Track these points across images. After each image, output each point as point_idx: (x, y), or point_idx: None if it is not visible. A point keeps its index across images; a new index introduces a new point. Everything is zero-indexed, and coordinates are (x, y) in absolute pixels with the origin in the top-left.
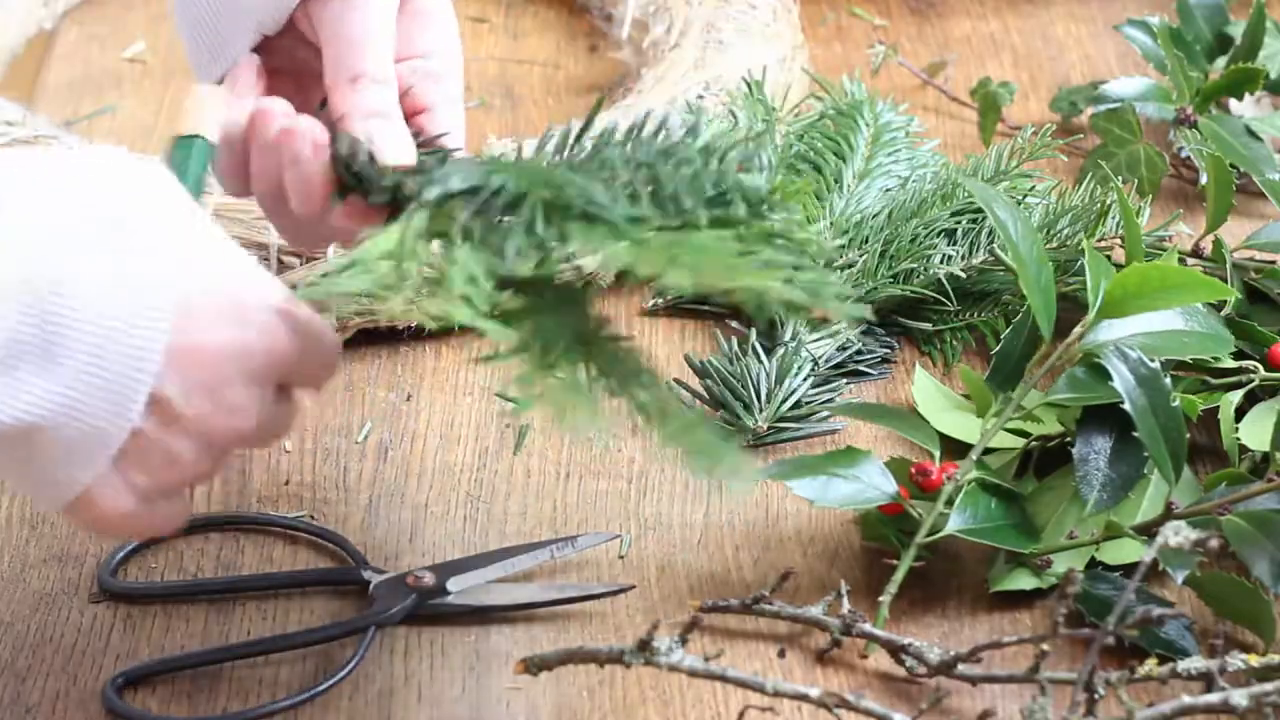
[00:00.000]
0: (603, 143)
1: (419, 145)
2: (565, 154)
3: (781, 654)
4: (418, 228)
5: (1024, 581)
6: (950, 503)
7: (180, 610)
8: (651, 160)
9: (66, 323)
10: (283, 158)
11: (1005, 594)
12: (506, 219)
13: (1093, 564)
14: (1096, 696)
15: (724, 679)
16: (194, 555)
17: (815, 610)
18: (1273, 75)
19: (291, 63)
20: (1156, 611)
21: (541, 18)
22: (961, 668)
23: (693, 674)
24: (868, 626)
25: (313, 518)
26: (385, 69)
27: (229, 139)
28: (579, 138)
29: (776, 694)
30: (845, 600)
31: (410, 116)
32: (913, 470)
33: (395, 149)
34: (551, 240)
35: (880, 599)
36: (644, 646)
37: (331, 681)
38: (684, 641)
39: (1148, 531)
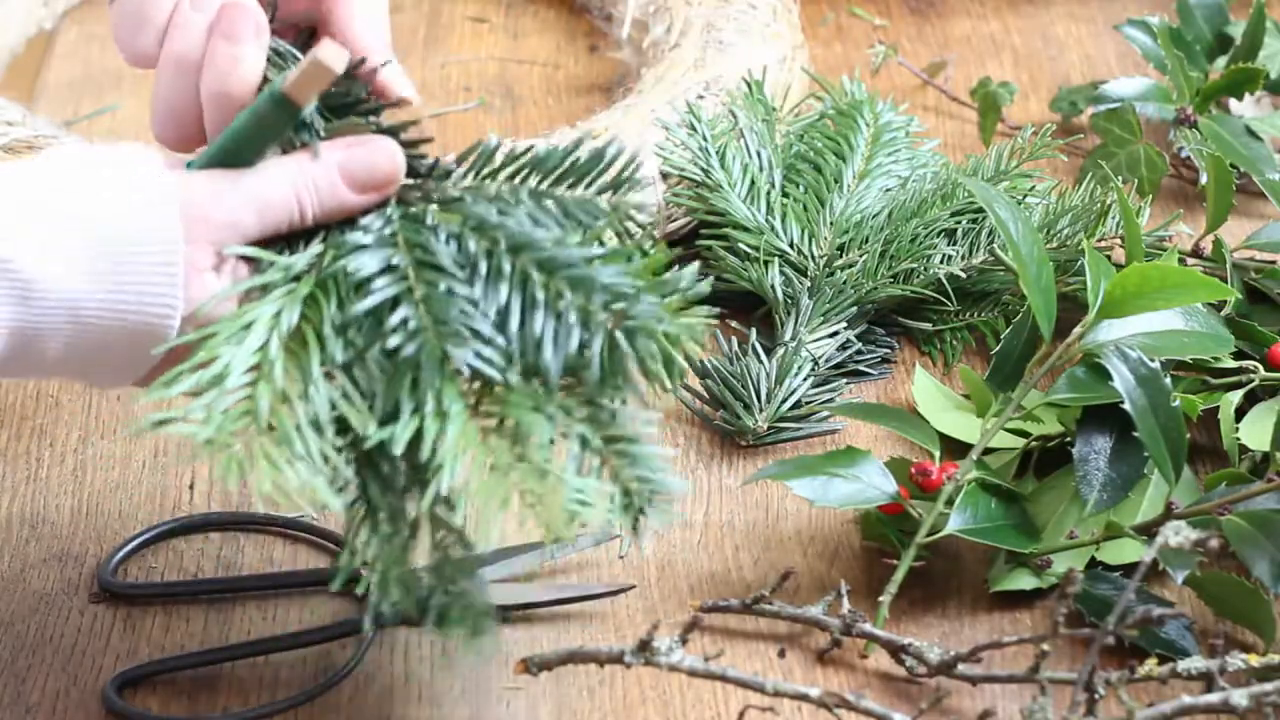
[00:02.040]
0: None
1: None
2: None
3: (781, 654)
4: (290, 307)
5: (1024, 581)
6: (950, 502)
7: (180, 610)
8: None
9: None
10: (217, 25)
11: (1005, 594)
12: (381, 350)
13: (1093, 564)
14: (1097, 696)
15: (724, 679)
16: (194, 555)
17: (815, 610)
18: (1273, 75)
19: None
20: (1157, 611)
21: (541, 18)
22: (961, 668)
23: (692, 674)
24: (868, 626)
25: (313, 518)
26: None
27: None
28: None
29: (776, 694)
30: (845, 600)
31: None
32: (913, 470)
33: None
34: (430, 404)
35: (880, 599)
36: (644, 647)
37: (331, 681)
38: (684, 642)
39: (1148, 531)
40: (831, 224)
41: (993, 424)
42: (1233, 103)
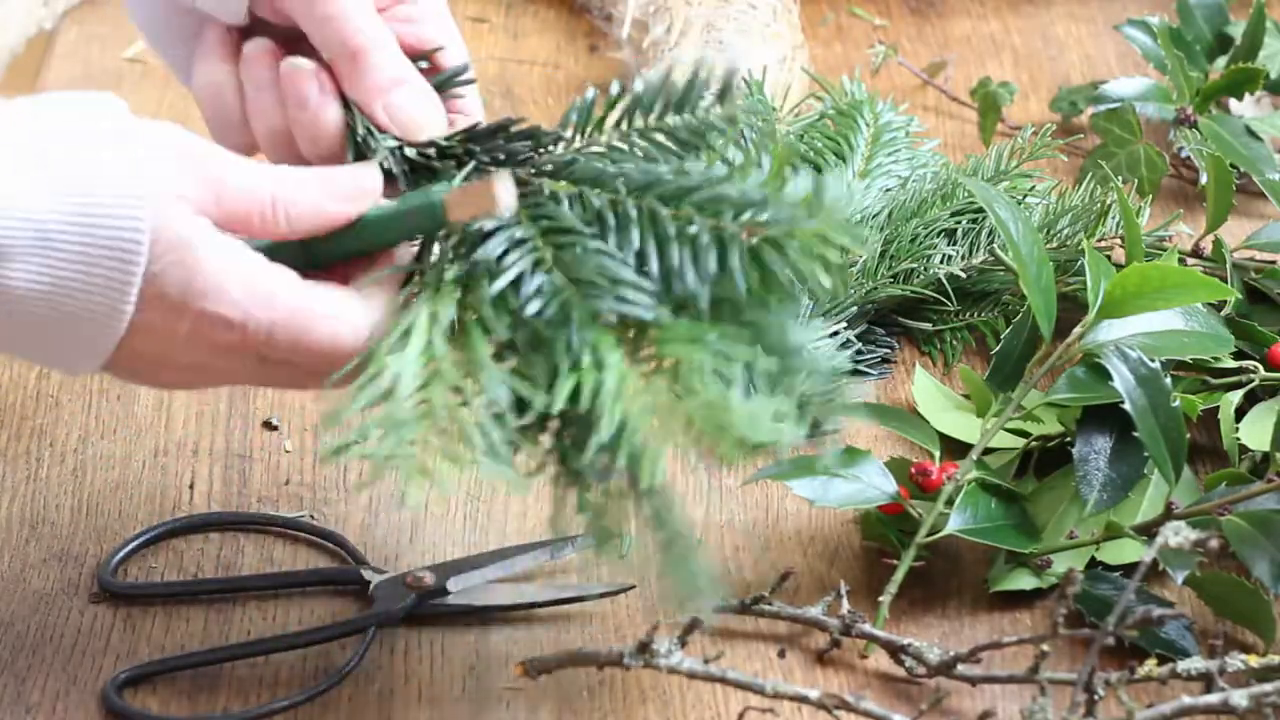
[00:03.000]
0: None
1: (425, 71)
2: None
3: (781, 654)
4: (441, 320)
5: (1024, 581)
6: (950, 503)
7: (180, 610)
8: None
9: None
10: (286, 98)
11: (1005, 594)
12: (538, 323)
13: (1093, 564)
14: (1096, 697)
15: (724, 681)
16: (194, 555)
17: (815, 610)
18: (1273, 75)
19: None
20: (1157, 612)
21: (541, 18)
22: (961, 668)
23: (692, 676)
24: (867, 627)
25: (313, 518)
26: (377, 33)
27: (216, 91)
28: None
29: (776, 695)
30: (845, 600)
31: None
32: (913, 470)
33: (424, 119)
34: (585, 358)
35: (880, 599)
36: (644, 648)
37: (331, 681)
38: (683, 643)
39: (1148, 531)
40: None
41: (992, 424)
42: (1233, 103)
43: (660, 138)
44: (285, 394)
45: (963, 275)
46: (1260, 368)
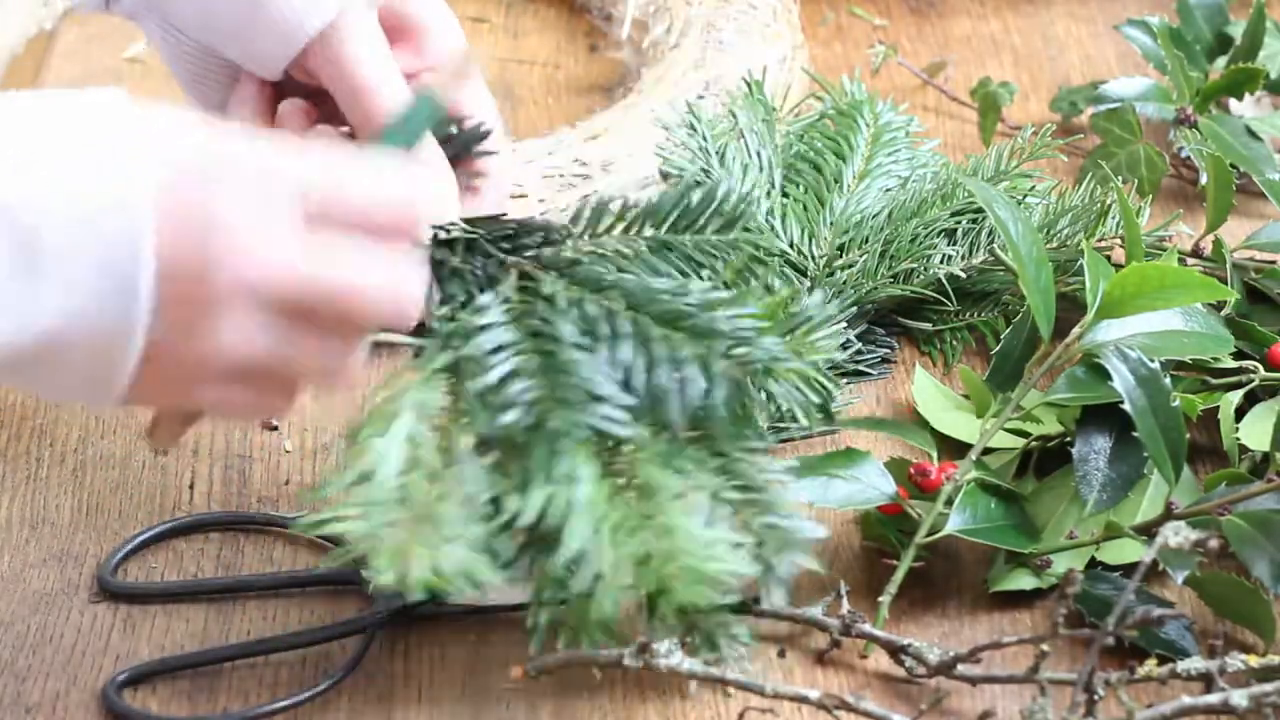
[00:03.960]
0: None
1: (459, 136)
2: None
3: (781, 654)
4: (429, 409)
5: (1024, 581)
6: (949, 503)
7: (180, 610)
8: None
9: (36, 226)
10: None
11: (1005, 594)
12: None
13: (1093, 564)
14: (1096, 697)
15: (724, 681)
16: (194, 555)
17: (815, 611)
18: (1273, 75)
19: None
20: (1156, 612)
21: (541, 18)
22: (961, 668)
23: (692, 676)
24: (867, 627)
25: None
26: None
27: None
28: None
29: (776, 696)
30: (845, 601)
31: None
32: (911, 470)
33: (441, 203)
34: (560, 468)
35: (880, 599)
36: (644, 649)
37: (331, 681)
38: (683, 644)
39: (1148, 531)
40: (831, 224)
41: (992, 424)
42: (1233, 103)
43: (668, 253)
44: None
45: (963, 275)
46: (1260, 368)
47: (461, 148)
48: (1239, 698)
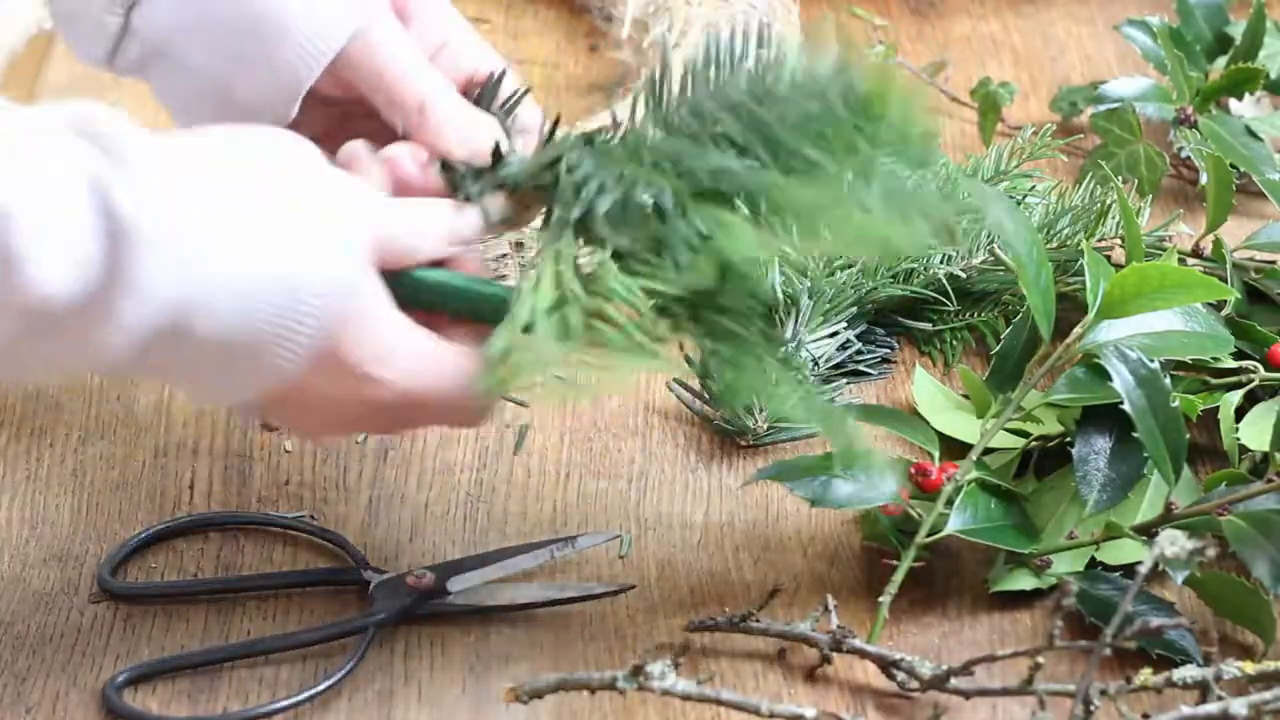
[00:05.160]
0: (689, 90)
1: (483, 94)
2: (657, 112)
3: (781, 654)
4: (566, 256)
5: (1024, 582)
6: (950, 503)
7: (180, 610)
8: (745, 101)
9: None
10: (390, 190)
11: (1005, 594)
12: (650, 225)
13: (1093, 564)
14: (1093, 708)
15: (719, 702)
16: (194, 555)
17: (804, 626)
18: (1273, 75)
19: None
20: (1155, 622)
21: (541, 18)
22: (955, 681)
23: (686, 698)
24: (858, 642)
25: (313, 518)
26: (434, 79)
27: None
28: (660, 91)
29: (772, 715)
30: (834, 615)
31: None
32: (912, 470)
33: (488, 137)
34: (702, 234)
35: (880, 599)
36: (637, 671)
37: (331, 681)
38: (676, 666)
39: (1147, 532)
40: None
41: (992, 424)
42: (1233, 103)
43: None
44: None
45: (963, 275)
46: (1260, 368)
47: (500, 104)
48: (1238, 706)
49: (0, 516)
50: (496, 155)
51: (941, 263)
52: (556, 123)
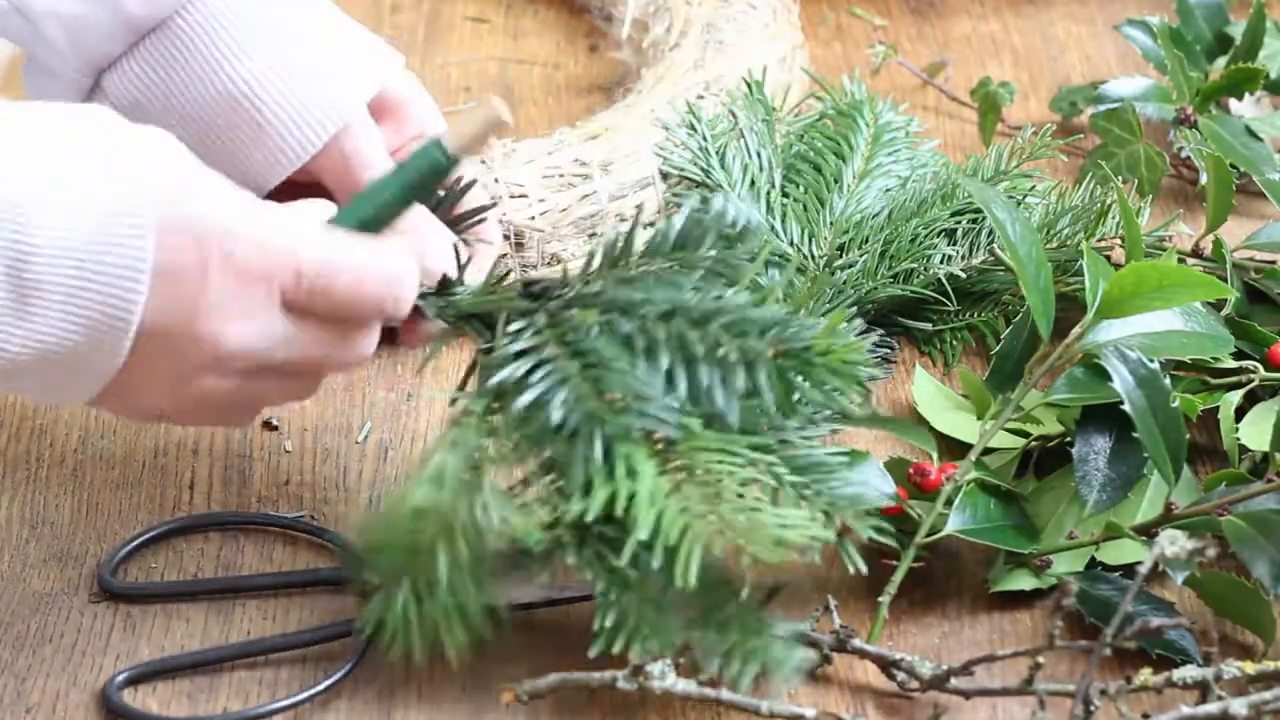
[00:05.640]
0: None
1: (445, 199)
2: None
3: None
4: (462, 444)
5: (1024, 582)
6: (949, 503)
7: (180, 610)
8: (683, 324)
9: (32, 257)
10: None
11: (1006, 594)
12: (554, 440)
13: (1093, 564)
14: (1093, 708)
15: (719, 702)
16: (194, 555)
17: (804, 626)
18: (1273, 75)
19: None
20: (1155, 623)
21: (541, 18)
22: (955, 681)
23: (686, 698)
24: (858, 642)
25: (313, 518)
26: None
27: None
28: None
29: (772, 715)
30: (835, 615)
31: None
32: (911, 470)
33: (450, 264)
34: (602, 463)
35: (880, 599)
36: (637, 671)
37: (331, 681)
38: (676, 666)
39: (1147, 532)
40: (831, 224)
41: (992, 425)
42: (1233, 103)
43: (684, 270)
44: None
45: (963, 275)
46: (1260, 368)
47: (451, 209)
48: (1238, 706)
49: (0, 516)
50: (444, 283)
51: (941, 263)
52: (507, 275)
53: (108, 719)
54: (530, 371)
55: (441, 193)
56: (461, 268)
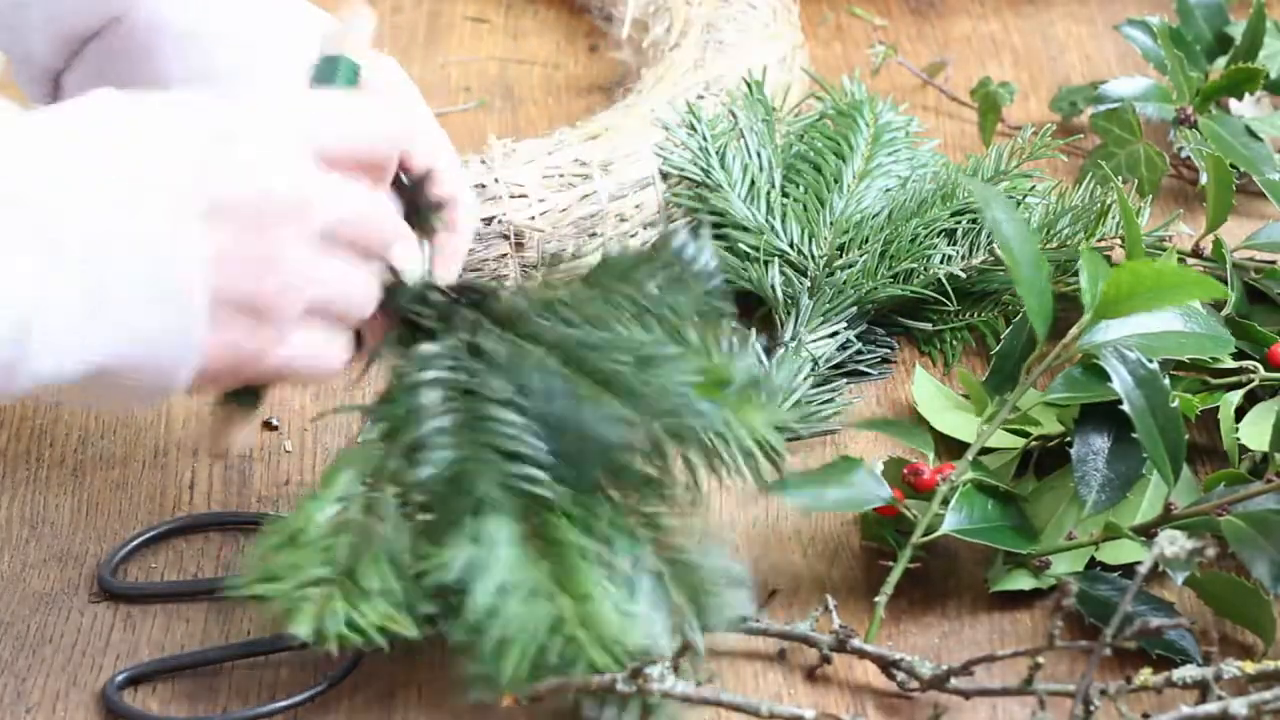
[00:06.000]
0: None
1: (413, 188)
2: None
3: (781, 654)
4: (361, 474)
5: (1023, 582)
6: (945, 503)
7: (180, 610)
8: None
9: (96, 269)
10: None
11: (1005, 594)
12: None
13: (1092, 564)
14: (1093, 708)
15: (718, 704)
16: (194, 555)
17: (804, 626)
18: (1273, 75)
19: None
20: (1155, 623)
21: (541, 18)
22: (955, 681)
23: (686, 700)
24: (858, 642)
25: None
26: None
27: None
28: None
29: (772, 716)
30: (835, 615)
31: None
32: (905, 471)
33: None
34: (479, 530)
35: (876, 599)
36: (636, 674)
37: (331, 681)
38: (675, 669)
39: (1147, 532)
40: (831, 224)
41: (989, 425)
42: (1233, 103)
43: (622, 302)
44: (285, 394)
45: (963, 275)
46: (1260, 368)
47: (413, 199)
48: (1238, 706)
49: (0, 516)
50: (393, 274)
51: (941, 263)
52: (465, 289)
53: (108, 719)
54: (424, 407)
55: (404, 178)
56: (428, 258)
